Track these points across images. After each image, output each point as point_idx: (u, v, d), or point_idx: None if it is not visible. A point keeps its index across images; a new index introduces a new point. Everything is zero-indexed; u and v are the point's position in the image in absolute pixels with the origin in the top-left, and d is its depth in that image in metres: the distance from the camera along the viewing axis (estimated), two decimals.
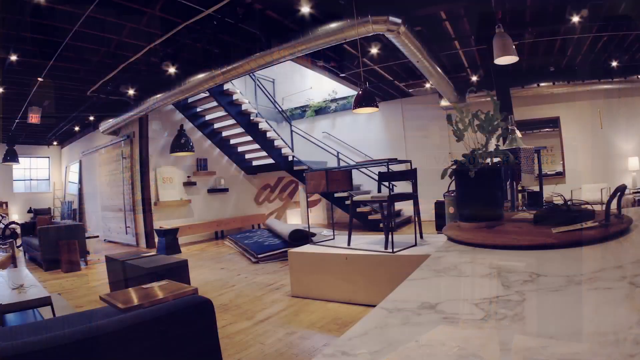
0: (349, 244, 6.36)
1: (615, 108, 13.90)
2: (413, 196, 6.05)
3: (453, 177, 2.35)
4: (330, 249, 6.30)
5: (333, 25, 7.54)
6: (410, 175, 6.13)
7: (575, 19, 8.86)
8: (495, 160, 2.34)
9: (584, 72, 12.96)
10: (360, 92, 7.22)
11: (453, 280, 1.50)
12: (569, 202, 2.23)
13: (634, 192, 12.13)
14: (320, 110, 16.63)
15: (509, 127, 4.48)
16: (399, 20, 7.37)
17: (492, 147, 2.33)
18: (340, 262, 5.93)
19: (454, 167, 2.33)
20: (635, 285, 1.22)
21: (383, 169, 6.23)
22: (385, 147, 15.27)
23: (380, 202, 5.98)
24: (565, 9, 8.81)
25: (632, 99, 13.79)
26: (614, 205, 2.04)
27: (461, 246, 2.04)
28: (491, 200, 2.30)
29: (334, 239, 7.17)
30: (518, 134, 4.49)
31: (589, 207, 2.33)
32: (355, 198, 6.29)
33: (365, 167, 9.52)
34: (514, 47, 5.40)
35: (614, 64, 12.38)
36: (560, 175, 13.90)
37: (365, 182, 14.90)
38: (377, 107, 7.75)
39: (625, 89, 13.50)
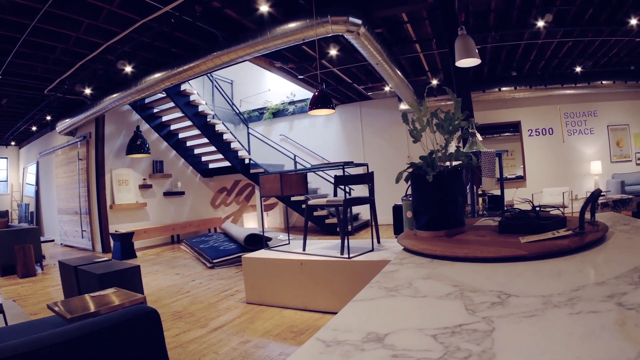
0: (304, 249, 6.22)
1: (578, 113, 14.09)
2: (370, 200, 5.91)
3: (409, 182, 2.12)
4: (285, 254, 6.18)
5: (292, 25, 7.40)
6: (367, 178, 5.96)
7: (540, 23, 8.85)
8: (456, 162, 2.12)
9: (547, 77, 13.09)
10: (316, 93, 7.02)
11: (407, 302, 1.25)
12: (537, 208, 2.01)
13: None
14: (278, 113, 16.47)
15: (470, 130, 4.33)
16: (359, 21, 7.25)
17: (452, 149, 2.10)
18: (296, 268, 5.79)
19: (410, 170, 2.09)
20: (625, 307, 1.00)
21: (340, 172, 6.05)
22: (344, 151, 15.23)
23: (336, 207, 5.79)
24: (530, 14, 8.83)
25: (594, 104, 14.00)
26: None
27: (418, 258, 1.80)
28: (451, 207, 2.07)
29: (289, 243, 7.05)
30: (479, 137, 4.37)
31: (560, 212, 2.11)
32: (310, 202, 6.08)
33: (322, 170, 9.36)
34: (476, 49, 5.24)
35: (578, 69, 12.47)
36: (521, 179, 14.02)
37: (323, 186, 14.85)
38: (334, 108, 7.56)
39: (589, 94, 13.68)
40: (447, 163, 2.10)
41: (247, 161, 14.08)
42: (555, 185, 13.15)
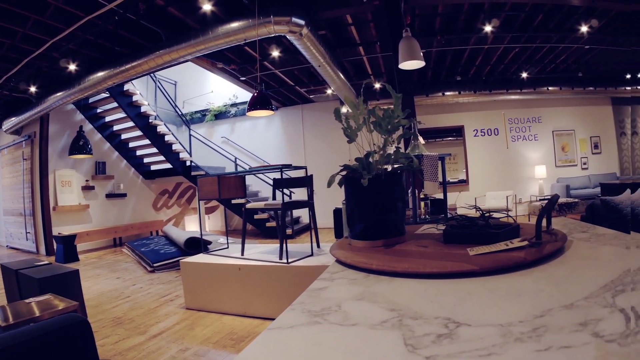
0: (242, 253, 6.09)
1: (522, 119, 14.31)
2: (308, 204, 5.80)
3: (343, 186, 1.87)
4: (223, 258, 6.01)
5: (234, 24, 7.25)
6: (306, 182, 5.89)
7: (488, 28, 8.84)
8: (396, 165, 1.87)
9: (492, 82, 13.19)
10: (255, 94, 6.80)
11: (333, 332, 0.99)
12: (487, 215, 1.78)
13: (540, 199, 12.43)
14: (220, 115, 16.15)
15: (412, 133, 4.17)
16: (302, 22, 7.14)
17: (392, 150, 1.86)
18: (234, 273, 5.63)
19: (344, 173, 1.85)
20: (604, 339, 0.78)
21: (279, 175, 5.89)
22: (285, 153, 15.04)
23: (275, 210, 5.61)
24: (478, 18, 8.81)
25: (539, 110, 14.28)
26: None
27: (352, 272, 1.54)
28: (389, 213, 1.82)
29: (227, 247, 6.87)
30: (421, 140, 4.24)
31: (512, 220, 1.89)
32: (249, 206, 5.90)
33: (259, 173, 9.14)
34: (421, 52, 5.10)
35: (524, 75, 12.59)
36: (463, 183, 14.10)
37: (264, 189, 14.69)
38: (273, 110, 7.36)
39: (534, 100, 13.94)
40: (386, 166, 1.85)
41: (188, 163, 13.85)
42: (498, 189, 13.20)
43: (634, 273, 1.21)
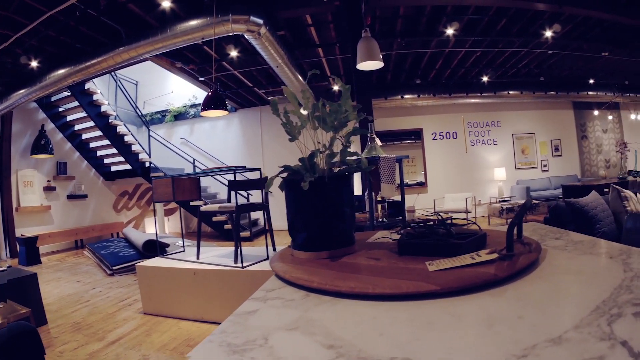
0: (198, 257, 5.92)
1: (482, 123, 14.43)
2: (263, 207, 5.71)
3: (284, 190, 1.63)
4: (179, 262, 5.86)
5: (193, 22, 7.17)
6: (261, 184, 5.77)
7: (450, 31, 8.74)
8: (345, 166, 1.63)
9: (452, 86, 13.21)
10: (210, 94, 6.59)
11: None
12: (448, 221, 1.55)
13: (500, 201, 12.43)
14: (180, 116, 15.86)
15: (369, 135, 4.03)
16: (260, 21, 7.04)
17: (341, 149, 1.62)
18: (190, 278, 5.46)
19: (284, 175, 1.60)
20: None
21: (238, 176, 5.72)
22: (243, 155, 14.83)
23: (229, 213, 5.40)
24: (439, 21, 8.72)
25: (499, 114, 14.41)
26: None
27: (291, 289, 1.29)
28: (336, 220, 1.58)
29: (184, 251, 6.72)
30: (378, 142, 4.11)
31: (476, 226, 1.65)
32: (203, 208, 5.82)
33: (214, 175, 8.90)
34: (379, 53, 4.95)
35: (485, 79, 12.62)
36: (422, 185, 14.09)
37: (223, 191, 14.46)
38: (227, 110, 7.25)
39: (494, 104, 14.03)
40: (334, 167, 1.62)
41: (147, 164, 13.61)
42: (457, 191, 13.26)
43: (627, 289, 1.00)
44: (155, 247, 8.96)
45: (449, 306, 1.00)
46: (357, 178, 6.79)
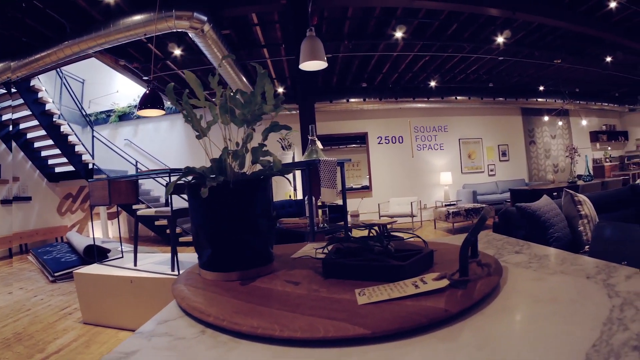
0: (135, 264, 5.62)
1: (429, 127, 14.46)
2: None
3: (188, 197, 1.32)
4: (116, 269, 5.52)
5: (136, 17, 6.97)
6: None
7: (399, 34, 8.62)
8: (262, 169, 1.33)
9: (399, 90, 13.17)
10: (147, 92, 6.27)
11: None
12: (386, 234, 1.26)
13: (446, 205, 12.35)
14: (125, 116, 15.33)
15: (310, 138, 3.82)
16: (204, 18, 6.87)
17: (253, 147, 1.33)
18: (127, 286, 5.15)
19: (190, 179, 1.29)
20: None
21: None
22: (187, 158, 14.42)
23: (167, 218, 5.15)
24: (388, 24, 8.60)
25: (446, 119, 14.50)
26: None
27: (188, 321, 1.02)
28: (248, 234, 1.28)
29: (122, 257, 6.38)
30: (319, 145, 3.88)
31: (421, 240, 1.37)
32: (140, 212, 5.57)
33: (150, 178, 8.62)
34: (324, 53, 4.74)
35: (433, 84, 12.55)
36: (366, 189, 13.91)
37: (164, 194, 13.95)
38: (164, 110, 6.95)
39: (441, 109, 14.10)
40: (247, 168, 1.33)
41: (90, 166, 13.21)
42: (403, 195, 13.22)
43: (619, 323, 0.76)
44: (97, 252, 8.56)
45: (382, 357, 0.71)
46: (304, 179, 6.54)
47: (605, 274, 1.09)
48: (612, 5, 7.79)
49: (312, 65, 5.00)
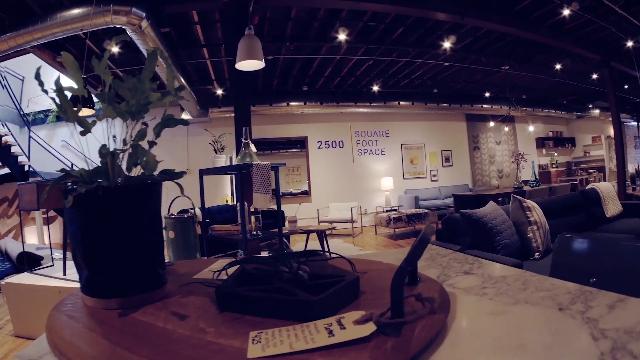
0: (64, 273, 5.26)
1: (370, 132, 14.37)
2: None
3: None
4: (46, 279, 5.25)
5: (75, 11, 6.62)
6: None
7: (342, 37, 8.43)
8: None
9: (341, 94, 12.94)
10: None
11: None
12: (303, 253, 1.00)
13: (387, 211, 12.19)
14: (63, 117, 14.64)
15: (243, 140, 3.75)
16: (142, 14, 6.56)
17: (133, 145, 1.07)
18: (56, 296, 4.75)
19: (69, 184, 1.00)
20: None
21: None
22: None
23: None
24: (332, 26, 8.40)
25: (388, 124, 14.41)
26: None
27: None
28: (128, 253, 1.02)
29: (53, 265, 5.98)
30: (252, 148, 3.67)
31: (347, 262, 1.10)
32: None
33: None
34: (262, 53, 4.54)
35: (375, 88, 12.37)
36: (306, 194, 13.70)
37: None
38: (94, 109, 6.59)
39: (383, 114, 13.98)
40: (136, 170, 1.05)
41: (27, 168, 12.63)
42: (343, 201, 12.99)
43: None
44: (30, 260, 8.03)
45: None
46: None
47: (582, 302, 0.86)
48: (566, 12, 7.73)
49: (248, 64, 4.81)
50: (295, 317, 0.79)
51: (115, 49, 8.50)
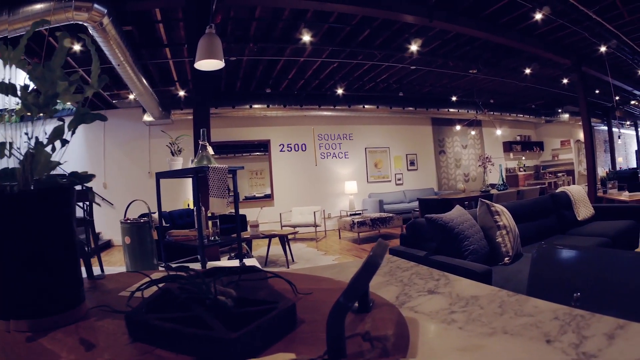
0: None
1: (333, 135, 14.33)
2: (87, 222, 5.07)
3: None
4: None
5: (37, 6, 6.34)
6: (81, 196, 4.61)
7: (307, 38, 8.28)
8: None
9: (304, 97, 12.85)
10: (34, 89, 5.63)
11: None
12: (237, 269, 0.83)
13: (351, 215, 12.13)
14: (26, 117, 14.14)
15: (201, 142, 3.62)
16: (104, 10, 6.31)
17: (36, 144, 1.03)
18: None
19: None
20: None
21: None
22: (85, 163, 13.16)
23: None
24: (297, 28, 8.27)
25: (352, 127, 14.38)
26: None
27: None
28: (35, 269, 0.86)
29: None
30: (210, 150, 3.52)
31: (287, 283, 0.93)
32: None
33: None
34: (222, 52, 4.38)
35: (340, 91, 12.25)
36: (268, 198, 13.52)
37: None
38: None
39: (347, 117, 13.95)
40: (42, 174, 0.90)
41: None
42: (306, 205, 12.81)
43: None
44: None
45: None
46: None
47: (574, 332, 0.71)
48: (538, 17, 7.67)
49: (208, 64, 4.63)
50: (210, 357, 0.61)
51: (77, 47, 8.20)
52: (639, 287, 1.02)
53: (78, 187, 1.01)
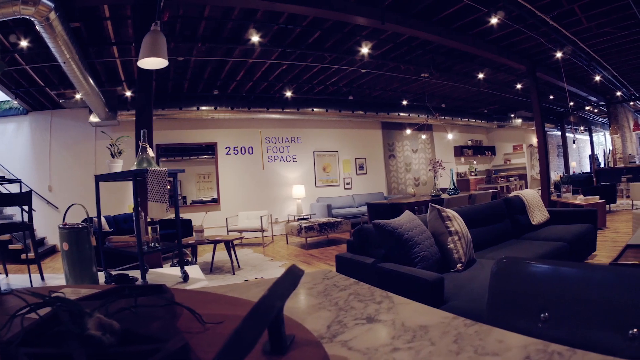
0: None
1: (281, 138, 14.32)
2: (26, 227, 4.88)
3: None
4: None
5: None
6: (20, 200, 4.81)
7: (256, 39, 8.19)
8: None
9: (253, 99, 12.82)
10: None
11: None
12: (128, 288, 0.68)
13: (299, 219, 12.03)
14: None
15: (141, 144, 3.47)
16: (51, 5, 5.98)
17: None
18: None
19: None
20: None
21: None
22: (31, 164, 12.83)
23: None
24: (247, 28, 8.16)
25: (300, 130, 14.41)
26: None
27: None
28: None
29: None
30: (150, 152, 3.35)
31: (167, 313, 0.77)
32: None
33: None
34: (166, 51, 4.20)
35: (288, 94, 12.24)
36: (215, 202, 13.40)
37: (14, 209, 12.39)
38: None
39: (296, 120, 13.94)
40: None
41: None
42: (253, 209, 12.76)
43: None
44: None
45: None
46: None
47: None
48: (494, 21, 7.73)
49: (151, 62, 4.44)
50: None
51: (24, 43, 7.93)
52: (618, 305, 0.90)
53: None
